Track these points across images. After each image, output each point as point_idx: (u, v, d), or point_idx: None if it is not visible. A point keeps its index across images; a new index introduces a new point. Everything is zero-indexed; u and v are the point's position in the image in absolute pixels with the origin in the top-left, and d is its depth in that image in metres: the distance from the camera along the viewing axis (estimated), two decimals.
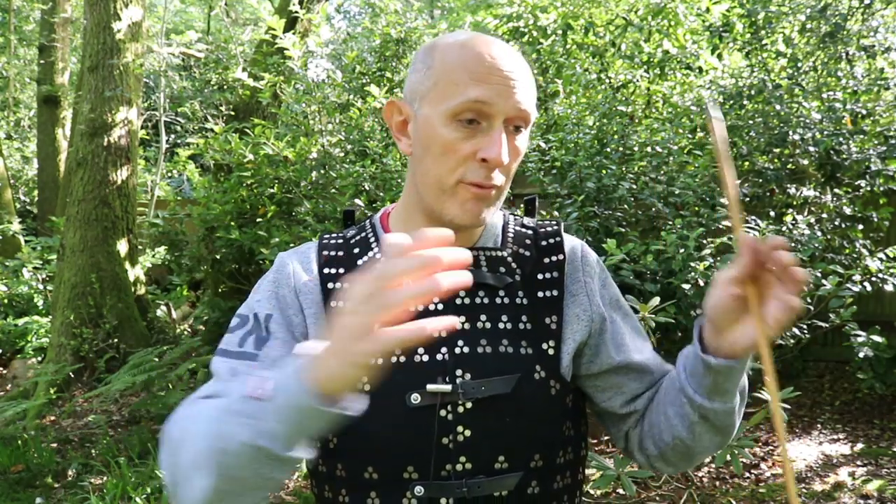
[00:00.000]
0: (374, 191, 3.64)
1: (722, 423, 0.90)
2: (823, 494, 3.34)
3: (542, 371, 0.92)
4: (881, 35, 4.46)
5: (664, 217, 3.58)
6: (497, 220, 1.02)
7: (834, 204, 4.09)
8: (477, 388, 0.87)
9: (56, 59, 9.76)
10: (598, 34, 5.33)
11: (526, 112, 0.88)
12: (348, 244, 0.98)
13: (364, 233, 0.99)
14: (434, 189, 0.89)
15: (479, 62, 0.86)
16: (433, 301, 0.90)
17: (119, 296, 5.69)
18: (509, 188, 0.95)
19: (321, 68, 5.07)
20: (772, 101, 4.14)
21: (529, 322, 0.93)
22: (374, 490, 0.88)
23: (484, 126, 0.86)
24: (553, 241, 0.99)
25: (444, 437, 0.86)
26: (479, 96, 0.84)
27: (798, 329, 3.46)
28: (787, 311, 0.75)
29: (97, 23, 5.80)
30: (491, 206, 0.91)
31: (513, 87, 0.86)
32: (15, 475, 3.92)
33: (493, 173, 0.87)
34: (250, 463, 0.71)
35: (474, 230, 0.97)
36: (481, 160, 0.86)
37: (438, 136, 0.87)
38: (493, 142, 0.85)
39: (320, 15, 6.28)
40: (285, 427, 0.69)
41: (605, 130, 4.14)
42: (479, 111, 0.85)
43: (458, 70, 0.86)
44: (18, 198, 11.22)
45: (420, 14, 5.47)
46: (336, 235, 1.00)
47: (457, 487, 0.86)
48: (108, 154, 5.76)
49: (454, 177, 0.87)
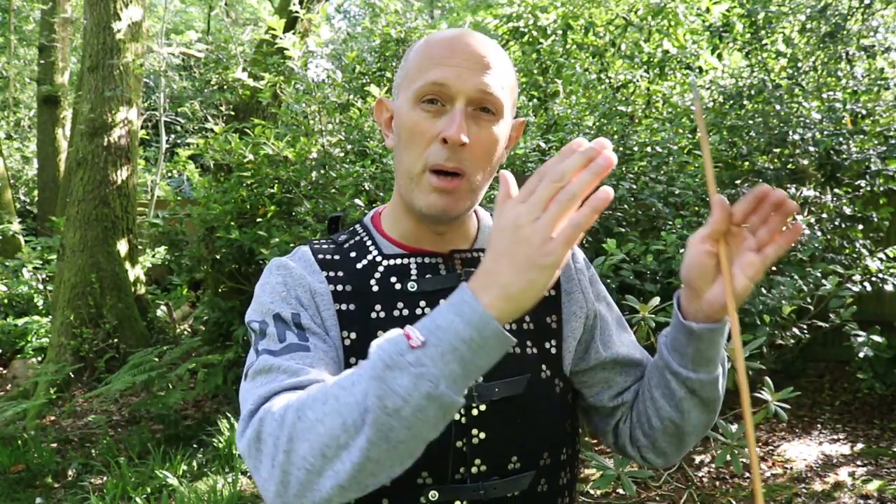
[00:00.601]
0: (374, 191, 3.63)
1: (708, 396, 0.91)
2: (823, 494, 3.34)
3: (547, 370, 0.93)
4: (881, 35, 4.46)
5: (664, 217, 3.58)
6: (490, 222, 1.02)
7: (834, 204, 4.09)
8: (490, 390, 0.88)
9: (56, 59, 9.76)
10: (598, 34, 5.33)
11: (491, 95, 0.87)
12: (342, 248, 0.96)
13: (357, 236, 0.98)
14: (405, 179, 0.90)
15: (442, 48, 0.88)
16: (436, 306, 0.88)
17: (119, 296, 5.68)
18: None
19: (321, 68, 5.07)
20: (772, 101, 4.14)
21: (532, 322, 0.94)
22: (387, 497, 0.86)
23: (448, 108, 0.87)
24: None
25: (459, 441, 0.86)
26: (438, 77, 0.86)
27: (798, 329, 3.46)
28: (757, 264, 0.77)
29: (97, 23, 5.80)
30: (463, 200, 0.89)
31: (475, 69, 0.87)
32: (15, 475, 3.92)
33: (457, 156, 0.86)
34: (421, 417, 0.66)
35: (464, 230, 0.97)
36: (442, 141, 0.86)
37: (406, 120, 0.89)
38: (452, 121, 0.85)
39: (320, 15, 6.28)
40: (459, 367, 0.66)
41: (605, 130, 4.14)
42: (438, 92, 0.86)
43: (423, 58, 0.89)
44: (18, 198, 11.22)
45: (420, 14, 5.47)
46: (325, 241, 0.98)
47: (472, 490, 0.86)
48: (108, 154, 5.76)
49: (420, 163, 0.88)
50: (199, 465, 3.83)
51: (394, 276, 0.92)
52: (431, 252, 0.94)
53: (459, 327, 0.66)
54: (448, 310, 0.68)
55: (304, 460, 0.69)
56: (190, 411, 4.81)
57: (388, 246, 0.95)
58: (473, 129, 0.87)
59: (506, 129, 0.92)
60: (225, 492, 3.40)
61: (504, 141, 0.92)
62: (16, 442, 4.20)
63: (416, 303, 0.91)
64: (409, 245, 0.95)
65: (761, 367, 2.60)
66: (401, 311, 0.90)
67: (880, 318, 4.05)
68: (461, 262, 0.95)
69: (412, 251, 0.94)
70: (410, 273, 0.92)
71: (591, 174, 0.65)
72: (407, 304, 0.90)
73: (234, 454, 3.80)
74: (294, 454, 0.69)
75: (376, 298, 0.90)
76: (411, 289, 0.91)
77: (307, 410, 0.70)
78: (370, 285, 0.91)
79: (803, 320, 3.54)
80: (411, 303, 0.90)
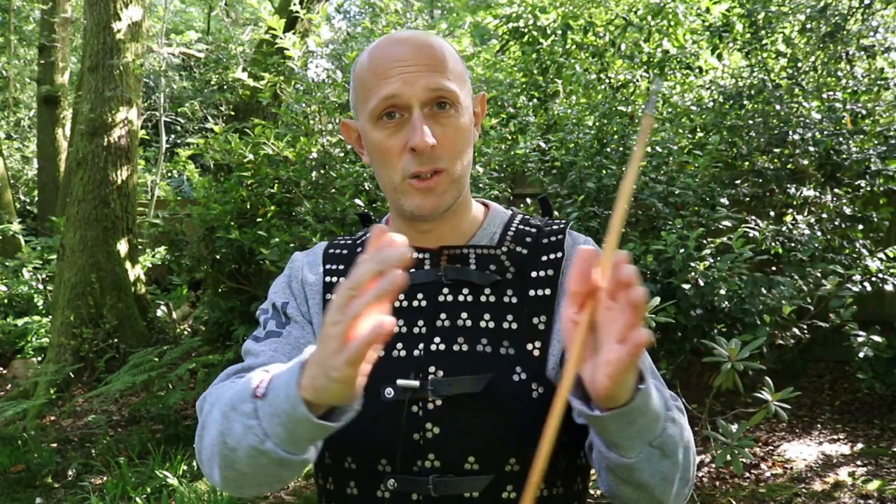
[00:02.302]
0: (374, 191, 3.64)
1: (629, 478, 0.79)
2: (823, 494, 3.34)
3: (522, 373, 0.88)
4: (881, 35, 4.46)
5: (664, 217, 3.57)
6: (500, 218, 1.02)
7: (834, 204, 4.09)
8: (445, 386, 0.87)
9: (56, 59, 9.76)
10: (597, 34, 5.33)
11: (442, 89, 0.88)
12: (354, 244, 1.03)
13: (370, 234, 1.01)
14: (389, 190, 0.93)
15: (380, 60, 0.90)
16: (413, 300, 0.93)
17: (119, 296, 5.68)
18: (509, 188, 0.95)
19: (321, 68, 5.07)
20: (772, 101, 4.14)
21: (515, 321, 0.91)
22: (353, 480, 0.90)
23: (406, 116, 0.89)
24: (554, 239, 0.97)
25: (415, 433, 0.87)
26: (386, 93, 0.88)
27: (798, 329, 3.46)
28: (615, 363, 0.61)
29: (97, 23, 5.80)
30: (448, 192, 0.91)
31: (417, 72, 0.88)
32: (15, 475, 3.92)
33: (429, 159, 0.88)
34: (254, 462, 0.72)
35: (455, 226, 0.97)
36: (411, 150, 0.88)
37: (372, 140, 0.91)
38: (414, 129, 0.87)
39: (320, 15, 6.28)
40: (284, 431, 0.69)
41: (605, 130, 4.14)
42: (392, 105, 0.88)
43: (366, 75, 0.91)
44: (18, 198, 11.22)
45: (420, 14, 5.47)
46: (346, 237, 1.06)
47: (423, 484, 0.86)
48: (108, 154, 5.76)
49: (398, 174, 0.90)
50: (199, 465, 3.83)
51: None
52: (420, 248, 0.95)
53: (282, 397, 0.69)
54: (288, 371, 0.70)
55: (203, 451, 0.82)
56: (190, 411, 4.81)
57: None
58: (437, 129, 0.88)
59: (468, 115, 0.93)
60: (225, 492, 3.40)
61: (470, 123, 0.94)
62: (16, 442, 4.20)
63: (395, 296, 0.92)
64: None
65: (761, 367, 2.59)
66: None
67: (880, 318, 4.05)
68: (448, 258, 0.95)
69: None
70: None
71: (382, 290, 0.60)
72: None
73: None
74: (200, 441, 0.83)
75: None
76: None
77: (215, 409, 0.80)
78: None
79: (803, 320, 3.54)
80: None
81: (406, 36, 0.93)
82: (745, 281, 3.15)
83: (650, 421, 0.73)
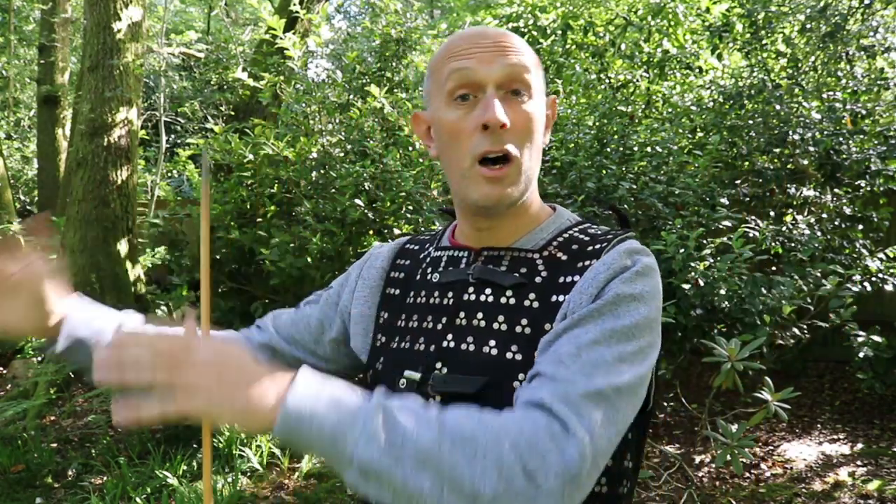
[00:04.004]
0: (374, 191, 3.64)
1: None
2: (823, 494, 3.34)
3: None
4: (881, 35, 4.46)
5: (664, 217, 3.58)
6: (559, 224, 0.96)
7: (834, 204, 4.09)
8: (443, 382, 0.88)
9: (56, 59, 9.75)
10: (597, 34, 5.33)
11: (518, 74, 0.88)
12: (428, 239, 1.07)
13: (441, 231, 1.06)
14: (457, 178, 0.91)
15: (460, 43, 0.90)
16: (444, 298, 0.94)
17: (119, 296, 5.68)
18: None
19: (321, 68, 5.07)
20: (772, 101, 4.14)
21: (530, 326, 0.87)
22: None
23: (480, 98, 0.88)
24: (597, 247, 0.89)
25: None
26: (462, 68, 0.87)
27: (798, 329, 3.46)
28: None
29: (97, 23, 5.80)
30: (516, 184, 0.89)
31: (496, 53, 0.88)
32: (15, 475, 3.92)
33: (500, 139, 0.86)
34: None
35: (512, 228, 0.94)
36: (483, 128, 0.86)
37: (445, 122, 0.90)
38: (488, 105, 0.86)
39: (320, 15, 6.28)
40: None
41: (605, 130, 4.14)
42: (467, 83, 0.88)
43: (445, 59, 0.91)
44: (18, 198, 11.22)
45: (420, 14, 5.47)
46: (429, 232, 1.12)
47: None
48: (108, 154, 5.76)
49: (468, 158, 0.88)
50: (199, 465, 3.83)
51: (430, 268, 0.99)
52: (466, 247, 0.97)
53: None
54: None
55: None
56: None
57: (445, 242, 1.02)
58: (509, 112, 0.87)
59: (540, 107, 0.92)
60: (225, 492, 3.40)
61: (542, 119, 0.93)
62: (16, 442, 4.19)
63: (432, 292, 0.96)
64: (458, 242, 1.00)
65: (761, 367, 2.59)
66: (422, 298, 0.97)
67: (880, 318, 4.05)
68: (484, 259, 0.94)
69: (455, 246, 0.99)
70: (440, 265, 0.98)
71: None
72: (428, 294, 0.96)
73: (234, 454, 3.80)
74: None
75: (415, 286, 0.99)
76: (434, 280, 0.97)
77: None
78: (416, 275, 1.01)
79: (803, 320, 3.54)
80: (430, 292, 0.96)
81: (488, 28, 0.93)
82: (745, 281, 3.15)
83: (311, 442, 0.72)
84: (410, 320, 0.96)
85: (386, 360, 0.96)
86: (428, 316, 0.94)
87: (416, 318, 0.96)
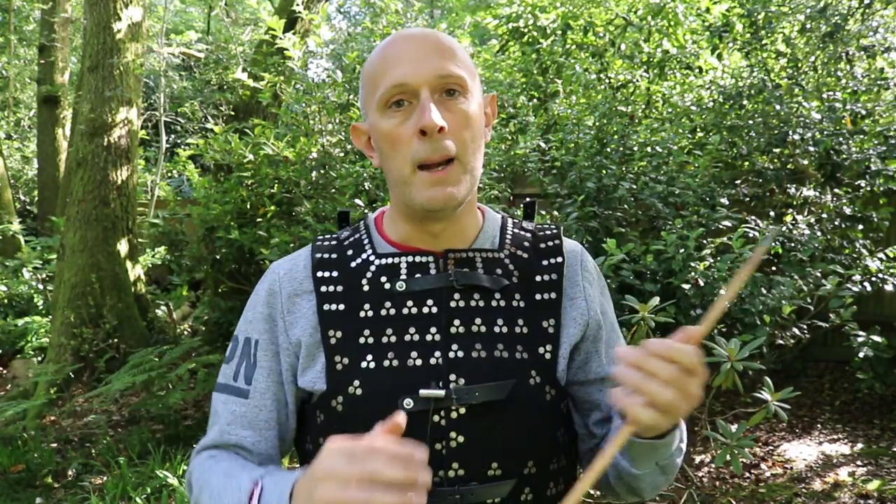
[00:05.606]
0: (374, 191, 3.63)
1: (629, 482, 0.91)
2: (823, 494, 3.34)
3: (537, 376, 0.89)
4: (881, 35, 4.46)
5: (664, 217, 3.58)
6: (495, 222, 1.00)
7: (834, 204, 4.09)
8: (471, 394, 0.86)
9: (56, 59, 9.76)
10: (597, 34, 5.33)
11: (451, 75, 0.87)
12: (342, 245, 0.97)
13: (358, 234, 0.99)
14: (399, 184, 0.89)
15: (388, 52, 0.89)
16: (423, 307, 0.92)
17: (119, 296, 5.68)
18: (509, 188, 0.96)
19: (321, 68, 5.07)
20: (772, 101, 4.14)
21: (526, 325, 0.91)
22: None
23: (415, 104, 0.87)
24: (552, 244, 0.98)
25: (438, 443, 0.85)
26: (394, 78, 0.86)
27: (798, 329, 3.46)
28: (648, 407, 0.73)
29: (97, 23, 5.80)
30: (461, 184, 0.88)
31: (427, 57, 0.87)
32: (15, 475, 3.92)
33: (439, 143, 0.85)
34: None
35: (465, 228, 0.95)
36: (420, 133, 0.85)
37: (382, 131, 0.89)
38: (423, 110, 0.85)
39: (320, 15, 6.28)
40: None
41: (605, 130, 4.14)
42: (401, 91, 0.86)
43: (375, 68, 0.90)
44: (18, 198, 11.22)
45: (420, 14, 5.47)
46: (330, 237, 1.00)
47: (449, 494, 0.84)
48: (108, 154, 5.76)
49: (408, 164, 0.87)
50: None
51: (384, 276, 0.92)
52: (424, 251, 0.94)
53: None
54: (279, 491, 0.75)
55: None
56: (190, 411, 4.81)
57: (384, 245, 0.96)
58: (447, 115, 0.86)
59: (478, 106, 0.91)
60: None
61: (480, 117, 0.92)
62: (16, 442, 4.20)
63: (403, 302, 0.90)
64: (403, 244, 0.95)
65: (761, 367, 2.59)
66: (388, 310, 0.90)
67: (880, 318, 4.06)
68: (454, 262, 0.93)
69: (405, 250, 0.94)
70: (400, 272, 0.92)
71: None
72: (395, 304, 0.90)
73: None
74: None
75: (365, 298, 0.91)
76: (399, 288, 0.91)
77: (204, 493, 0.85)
78: (361, 284, 0.92)
79: (803, 320, 3.54)
80: (399, 302, 0.90)
81: (414, 31, 0.92)
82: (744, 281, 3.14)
83: (667, 450, 0.86)
84: (383, 335, 0.89)
85: (370, 383, 0.87)
86: (409, 328, 0.89)
87: (390, 331, 0.89)
